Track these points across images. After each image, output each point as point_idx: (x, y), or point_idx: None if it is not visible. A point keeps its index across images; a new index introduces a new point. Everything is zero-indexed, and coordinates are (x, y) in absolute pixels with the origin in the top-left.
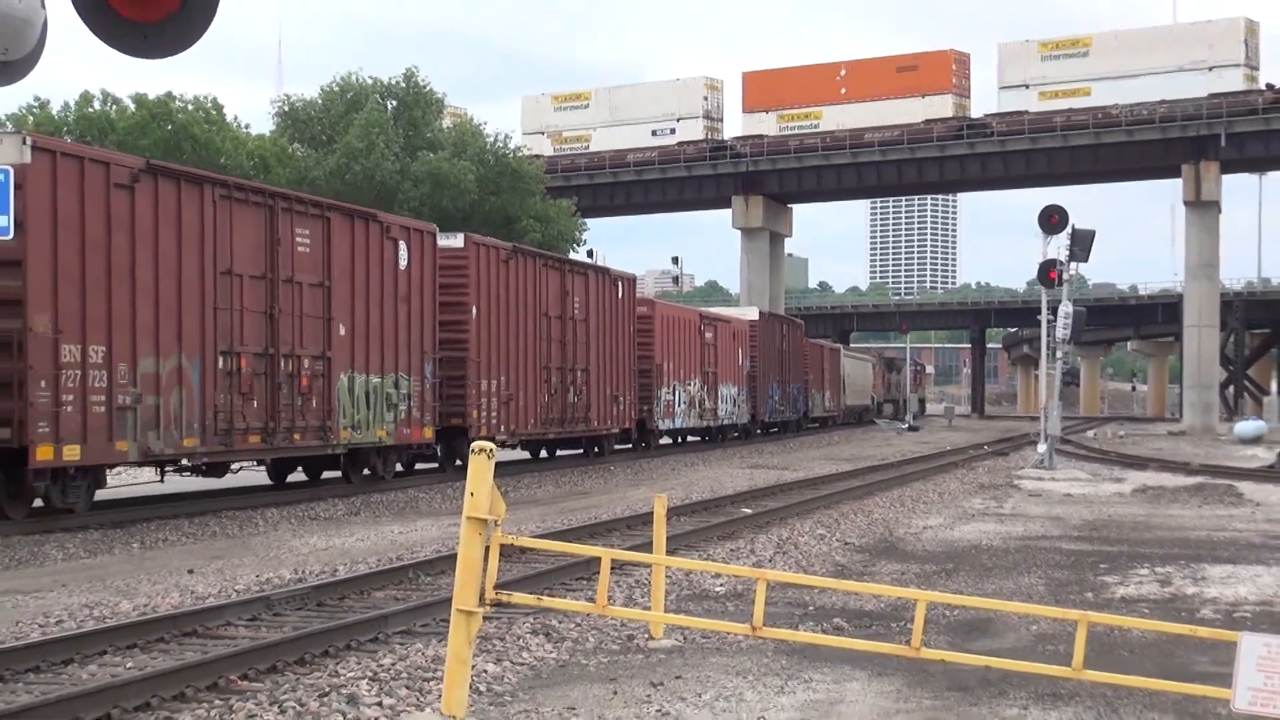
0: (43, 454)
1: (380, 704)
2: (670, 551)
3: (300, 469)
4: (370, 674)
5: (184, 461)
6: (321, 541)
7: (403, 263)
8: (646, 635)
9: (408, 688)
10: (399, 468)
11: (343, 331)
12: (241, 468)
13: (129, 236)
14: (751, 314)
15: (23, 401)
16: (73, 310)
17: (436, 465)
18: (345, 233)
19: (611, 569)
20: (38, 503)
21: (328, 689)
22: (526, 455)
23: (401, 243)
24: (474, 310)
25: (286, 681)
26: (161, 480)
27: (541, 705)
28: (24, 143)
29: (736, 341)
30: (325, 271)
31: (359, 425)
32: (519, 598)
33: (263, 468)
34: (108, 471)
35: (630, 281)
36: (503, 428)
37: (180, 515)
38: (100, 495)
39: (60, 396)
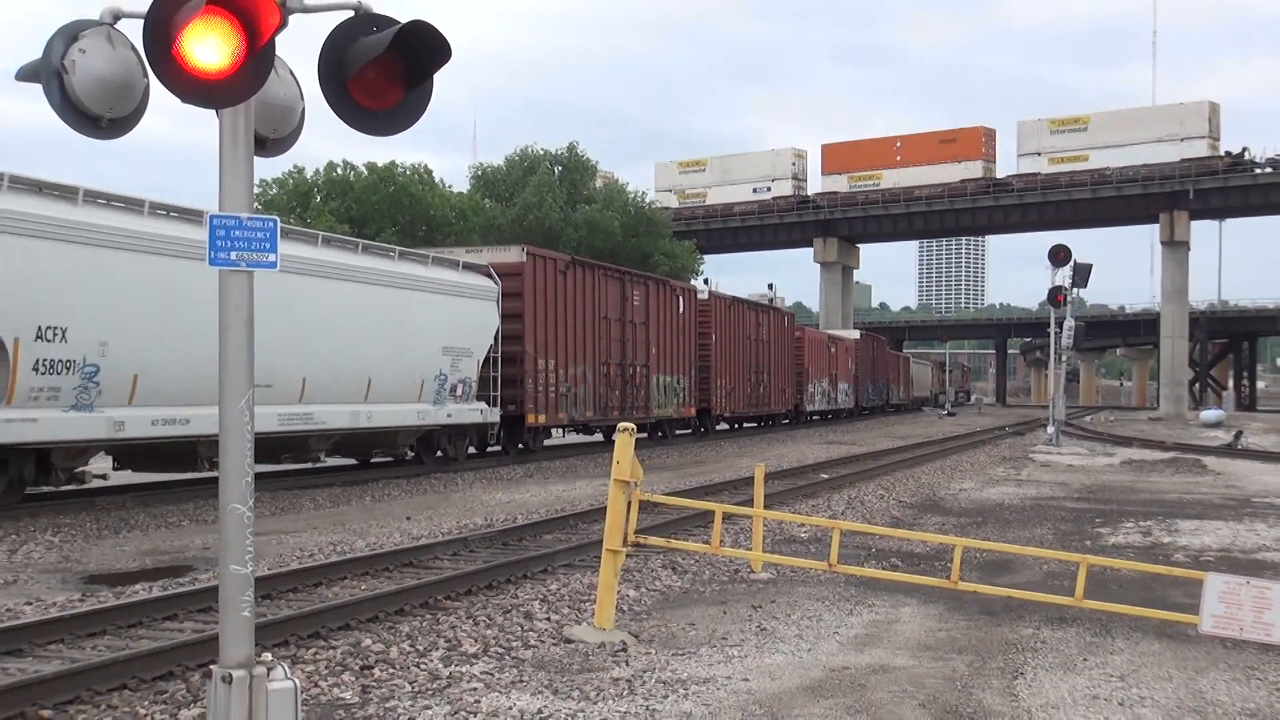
0: (530, 419)
1: (549, 619)
2: (766, 507)
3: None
4: (541, 596)
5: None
6: (505, 497)
7: (680, 309)
8: (749, 570)
9: (569, 607)
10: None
11: (654, 350)
12: (597, 430)
13: (563, 298)
14: (854, 334)
15: (521, 390)
16: (541, 340)
17: (690, 431)
18: (655, 292)
19: (722, 520)
20: (516, 447)
21: (510, 607)
22: (727, 426)
23: (680, 297)
24: (714, 337)
25: (479, 601)
26: (564, 436)
27: (669, 621)
28: (522, 250)
29: (847, 353)
30: (646, 315)
31: (661, 405)
32: (653, 540)
33: (591, 432)
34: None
35: (791, 315)
36: (727, 409)
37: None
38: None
39: (536, 387)
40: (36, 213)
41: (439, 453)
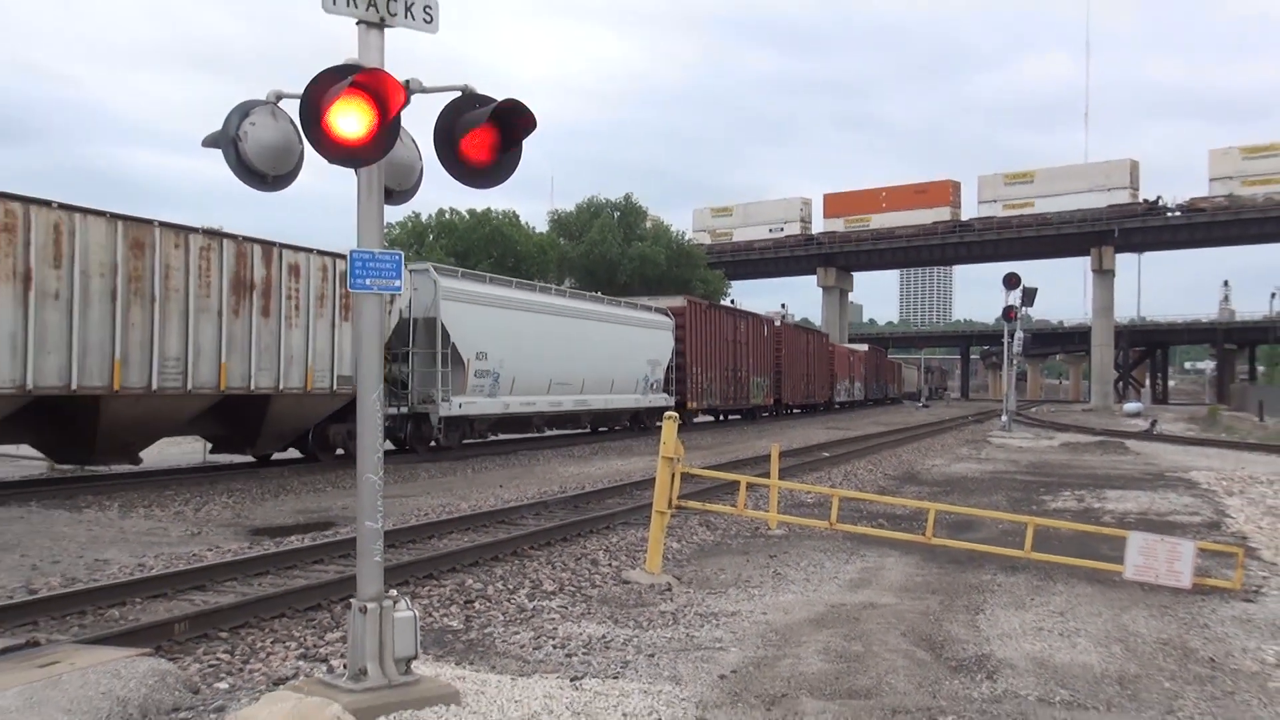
0: (690, 405)
1: (610, 565)
2: (780, 478)
3: (723, 416)
4: (604, 547)
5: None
6: (576, 470)
7: (765, 333)
8: (766, 527)
9: (626, 555)
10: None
11: (751, 360)
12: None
13: (705, 328)
14: (864, 347)
15: (684, 386)
16: (695, 355)
17: (767, 414)
18: (751, 322)
19: (746, 488)
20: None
21: (580, 555)
22: (783, 412)
23: (764, 325)
24: (783, 351)
25: (556, 550)
26: (695, 416)
27: (704, 567)
28: (684, 299)
29: (860, 361)
30: (747, 337)
31: (755, 396)
32: (691, 504)
33: (710, 416)
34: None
35: (827, 336)
36: (791, 400)
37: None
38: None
39: (693, 384)
40: (472, 289)
41: (642, 425)
